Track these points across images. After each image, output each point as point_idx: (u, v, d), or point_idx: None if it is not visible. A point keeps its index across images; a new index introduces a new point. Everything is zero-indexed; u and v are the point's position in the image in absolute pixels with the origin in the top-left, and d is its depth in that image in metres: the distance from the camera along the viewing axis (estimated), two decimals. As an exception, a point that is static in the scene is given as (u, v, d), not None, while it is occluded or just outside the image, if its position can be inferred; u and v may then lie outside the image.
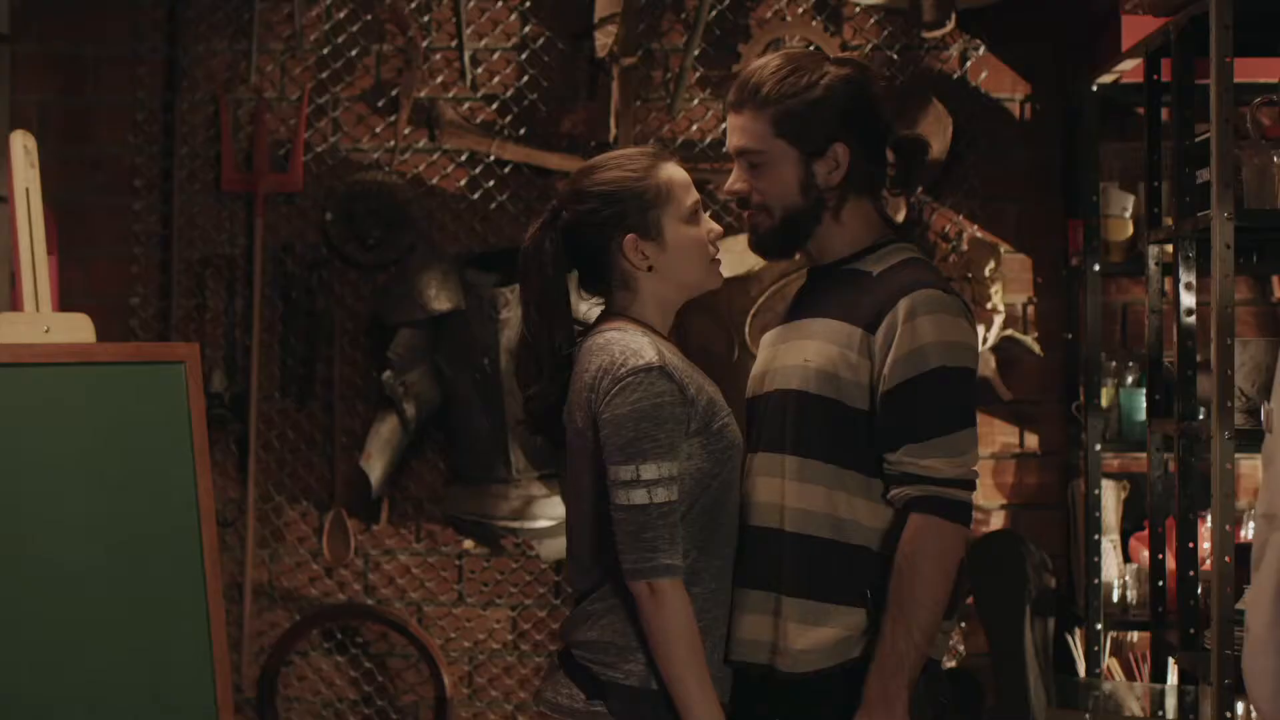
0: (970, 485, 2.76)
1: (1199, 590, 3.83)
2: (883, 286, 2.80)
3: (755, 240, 2.91)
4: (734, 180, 2.88)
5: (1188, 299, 3.85)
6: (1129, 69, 4.40)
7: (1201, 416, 3.80)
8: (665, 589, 2.64)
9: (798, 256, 3.07)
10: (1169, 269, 4.11)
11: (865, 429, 2.76)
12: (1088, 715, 4.00)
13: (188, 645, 3.62)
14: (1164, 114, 4.18)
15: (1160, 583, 4.17)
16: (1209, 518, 3.63)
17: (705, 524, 2.76)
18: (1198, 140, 3.75)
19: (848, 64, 2.91)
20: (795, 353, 2.84)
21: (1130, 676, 4.59)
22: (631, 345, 2.73)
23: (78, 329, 3.58)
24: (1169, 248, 4.12)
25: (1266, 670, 2.93)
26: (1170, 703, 4.02)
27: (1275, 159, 3.57)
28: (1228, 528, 3.47)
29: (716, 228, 2.88)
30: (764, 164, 2.83)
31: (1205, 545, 3.85)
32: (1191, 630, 3.83)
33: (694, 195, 2.86)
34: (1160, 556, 4.18)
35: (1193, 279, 3.84)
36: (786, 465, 2.80)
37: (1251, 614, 2.98)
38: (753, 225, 2.89)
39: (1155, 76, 4.17)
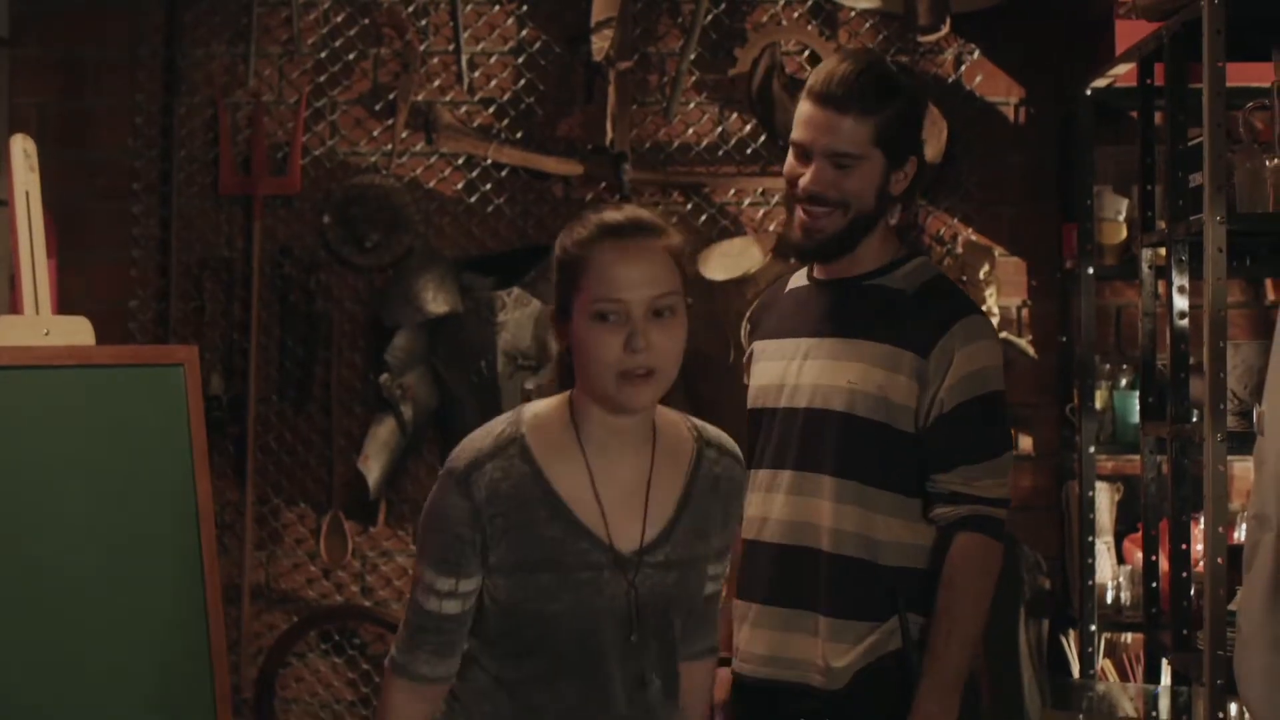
0: (1008, 504, 2.88)
1: (1192, 592, 3.86)
2: (929, 309, 2.87)
3: (806, 240, 2.90)
4: (817, 177, 2.85)
5: (1181, 302, 3.89)
6: (1123, 73, 4.43)
7: (1195, 419, 3.82)
8: (390, 681, 2.47)
9: (793, 260, 3.10)
10: (1162, 272, 4.14)
11: (911, 451, 2.84)
12: (1081, 716, 4.04)
13: (187, 646, 3.66)
14: (1157, 118, 4.21)
15: (1154, 584, 4.21)
16: (1202, 520, 3.67)
17: (509, 648, 2.45)
18: (1190, 144, 3.79)
19: (906, 72, 2.98)
20: (834, 373, 2.88)
21: (1124, 677, 4.63)
22: (476, 437, 2.42)
23: (77, 332, 3.61)
24: (1162, 251, 4.15)
25: (1258, 670, 2.98)
26: (1164, 704, 4.06)
27: (1267, 163, 3.61)
28: (1220, 529, 3.51)
29: (639, 350, 2.32)
30: (854, 167, 2.85)
31: (1198, 547, 3.88)
32: (1185, 631, 3.85)
33: (611, 295, 2.32)
34: (1154, 558, 4.21)
35: (1185, 282, 3.88)
36: (827, 486, 2.86)
37: (1243, 615, 3.03)
38: (813, 225, 2.88)
39: (1148, 81, 4.20)
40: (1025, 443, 4.85)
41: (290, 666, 4.93)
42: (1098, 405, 4.64)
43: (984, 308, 4.70)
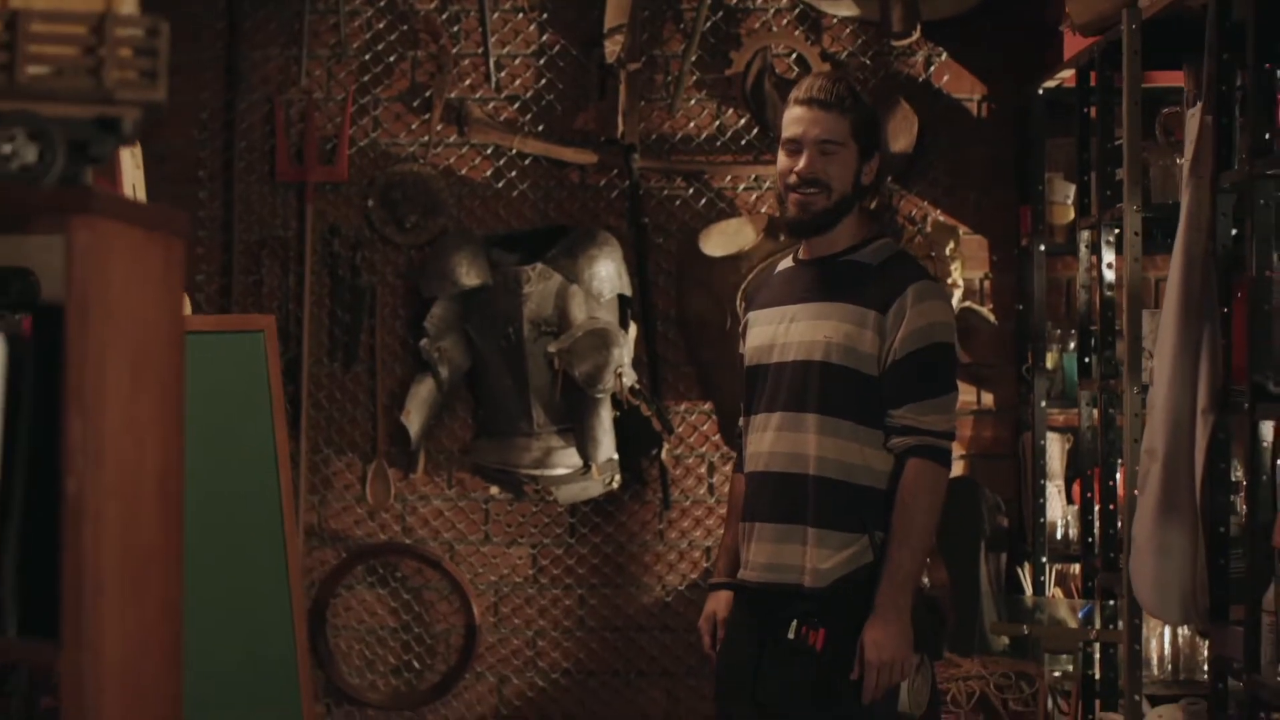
0: (953, 437, 3.57)
1: (1119, 523, 4.57)
2: (889, 276, 3.56)
3: (801, 214, 3.57)
4: (809, 163, 3.54)
5: (1109, 276, 4.63)
6: (1070, 75, 5.05)
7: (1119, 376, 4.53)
8: None
9: (781, 238, 3.82)
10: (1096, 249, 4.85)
11: (876, 391, 3.51)
12: (1025, 627, 4.76)
13: (270, 573, 4.31)
14: (1093, 114, 4.87)
15: (1089, 518, 4.89)
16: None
17: None
18: (1116, 143, 4.50)
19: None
20: (813, 331, 3.55)
21: (1071, 603, 5.30)
22: None
23: (177, 304, 4.35)
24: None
25: (1147, 572, 3.74)
26: (1095, 614, 4.72)
27: (1178, 160, 4.33)
28: (1137, 468, 4.11)
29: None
30: (837, 154, 3.55)
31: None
32: (1111, 555, 4.56)
33: None
34: (1089, 495, 4.89)
35: (1113, 259, 4.61)
36: (811, 422, 3.53)
37: (1136, 530, 3.79)
38: (805, 201, 3.56)
39: (1087, 86, 4.87)
40: (987, 398, 5.49)
41: (339, 597, 5.52)
42: (1049, 365, 5.29)
43: (950, 280, 5.31)
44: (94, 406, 1.83)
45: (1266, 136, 3.54)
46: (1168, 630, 4.66)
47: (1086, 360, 4.97)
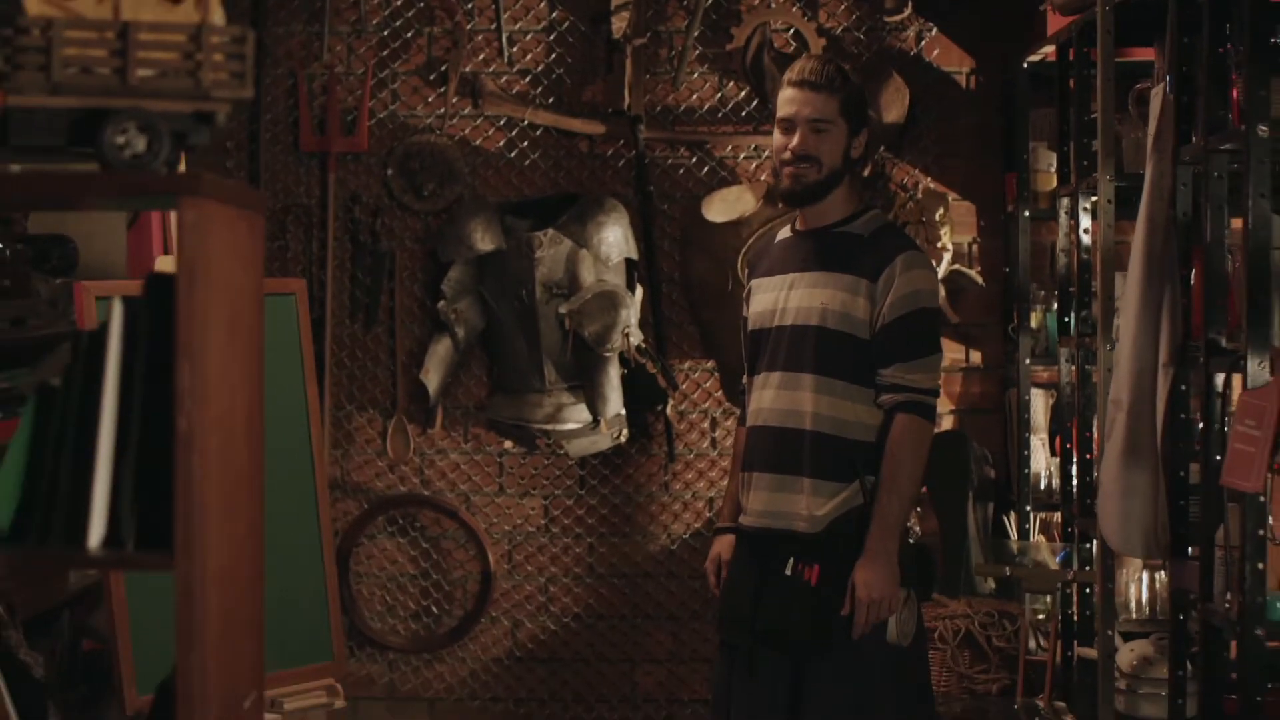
0: (938, 394, 3.95)
1: (1095, 471, 4.94)
2: (878, 246, 3.91)
3: (795, 186, 3.91)
4: (802, 140, 3.89)
5: (1086, 241, 5.00)
6: (1053, 50, 5.36)
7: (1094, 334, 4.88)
8: None
9: (780, 205, 4.15)
10: (1074, 216, 5.20)
11: (867, 353, 3.86)
12: (1008, 569, 5.15)
13: (303, 524, 4.72)
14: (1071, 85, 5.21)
15: (1069, 467, 5.25)
16: (1099, 412, 4.69)
17: None
18: (1091, 117, 4.87)
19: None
20: (811, 298, 3.90)
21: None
22: None
23: (215, 268, 4.71)
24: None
25: (1113, 512, 4.13)
26: (1074, 556, 5.12)
27: (1149, 132, 4.70)
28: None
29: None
30: (827, 131, 3.90)
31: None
32: (1088, 501, 4.91)
33: None
34: (1068, 446, 5.24)
35: (1089, 225, 4.98)
36: (808, 381, 3.87)
37: (1104, 473, 4.18)
38: (798, 174, 3.90)
39: (1067, 61, 5.21)
40: (975, 356, 5.83)
41: (362, 546, 5.86)
42: (1033, 325, 5.63)
43: (940, 244, 5.62)
44: (199, 357, 2.24)
45: (1220, 114, 3.92)
46: (1145, 575, 5.05)
47: (1066, 320, 5.29)
